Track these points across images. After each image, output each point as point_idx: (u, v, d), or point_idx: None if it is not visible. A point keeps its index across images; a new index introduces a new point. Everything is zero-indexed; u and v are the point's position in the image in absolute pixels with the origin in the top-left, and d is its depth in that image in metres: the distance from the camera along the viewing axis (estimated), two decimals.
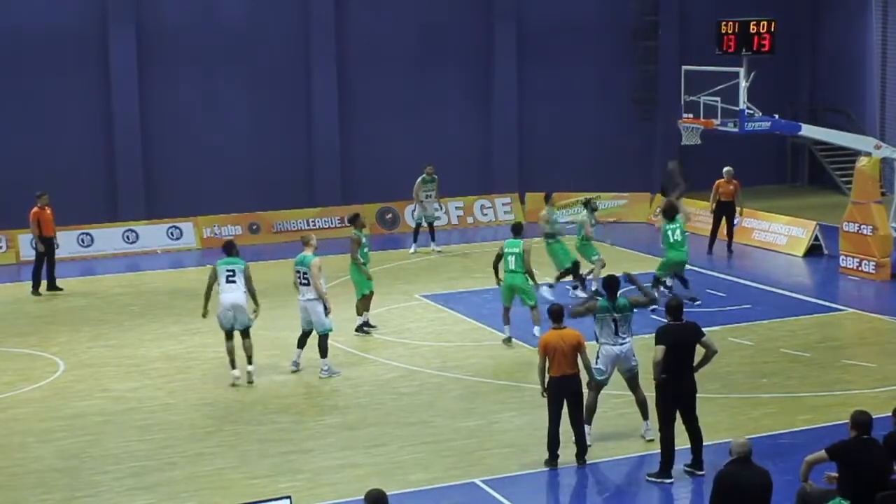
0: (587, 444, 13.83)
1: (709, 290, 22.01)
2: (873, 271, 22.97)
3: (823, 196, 33.04)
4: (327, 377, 17.31)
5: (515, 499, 12.94)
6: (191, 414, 15.97)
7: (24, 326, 20.97)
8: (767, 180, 34.29)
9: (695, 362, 13.28)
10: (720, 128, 23.13)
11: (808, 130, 25.13)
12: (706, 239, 25.57)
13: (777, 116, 23.81)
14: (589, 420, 14.07)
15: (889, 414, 11.38)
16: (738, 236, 26.15)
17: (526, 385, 16.27)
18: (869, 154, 23.64)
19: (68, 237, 26.14)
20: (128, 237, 27.76)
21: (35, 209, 23.35)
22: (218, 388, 16.97)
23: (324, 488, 13.24)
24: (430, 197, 26.47)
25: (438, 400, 16.28)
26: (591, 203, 22.32)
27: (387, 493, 9.31)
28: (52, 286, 23.48)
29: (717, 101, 22.95)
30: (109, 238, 27.60)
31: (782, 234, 26.33)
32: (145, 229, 28.01)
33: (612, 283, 14.43)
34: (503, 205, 31.09)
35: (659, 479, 13.19)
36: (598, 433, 14.35)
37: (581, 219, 22.17)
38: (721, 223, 25.49)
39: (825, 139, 26.64)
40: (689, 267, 21.48)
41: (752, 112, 22.83)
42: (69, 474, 13.90)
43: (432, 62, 31.72)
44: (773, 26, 22.96)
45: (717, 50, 23.81)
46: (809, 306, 21.24)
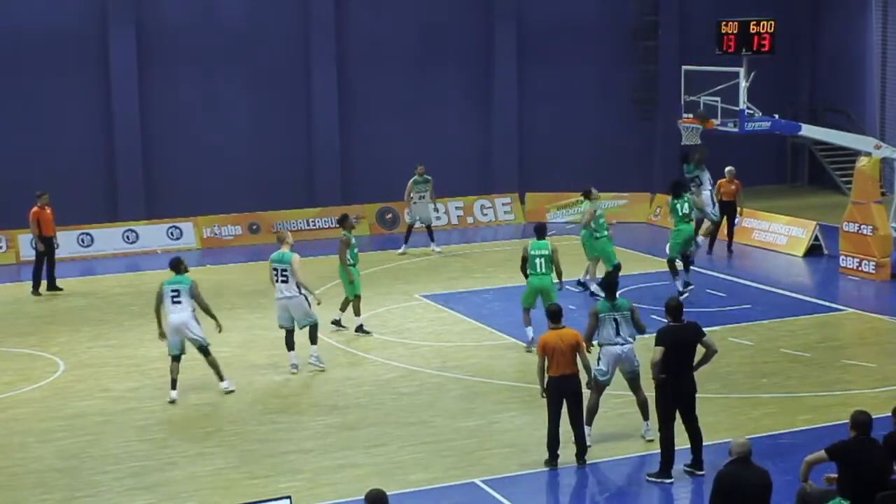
0: (587, 445, 13.83)
1: (709, 290, 22.01)
2: (873, 271, 22.98)
3: (823, 196, 33.04)
4: (317, 365, 17.43)
5: (515, 499, 12.94)
6: (191, 414, 15.97)
7: (24, 326, 20.97)
8: (767, 180, 34.29)
9: (695, 362, 13.28)
10: (720, 128, 23.13)
11: (808, 130, 25.12)
12: (706, 239, 25.55)
13: (777, 116, 23.80)
14: (589, 421, 14.06)
15: (889, 414, 11.37)
16: (738, 236, 26.15)
17: (526, 385, 16.27)
18: (869, 154, 23.64)
19: (68, 237, 26.14)
20: (128, 237, 27.76)
21: (35, 209, 23.35)
22: (218, 388, 16.95)
23: (324, 488, 13.24)
24: (424, 198, 26.26)
25: (438, 400, 16.28)
26: (591, 193, 22.24)
27: (387, 493, 9.31)
28: (52, 286, 23.48)
29: (717, 101, 22.96)
30: (109, 238, 27.60)
31: (782, 234, 26.33)
32: (145, 229, 28.02)
33: (611, 283, 14.43)
34: (503, 205, 31.08)
35: (659, 479, 13.19)
36: (598, 433, 14.34)
37: (586, 210, 22.06)
38: (722, 223, 25.49)
39: (825, 139, 26.64)
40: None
41: (752, 112, 22.82)
42: (69, 474, 13.90)
43: (432, 62, 31.72)
44: (773, 26, 22.94)
45: (717, 50, 23.80)
46: (809, 306, 21.24)
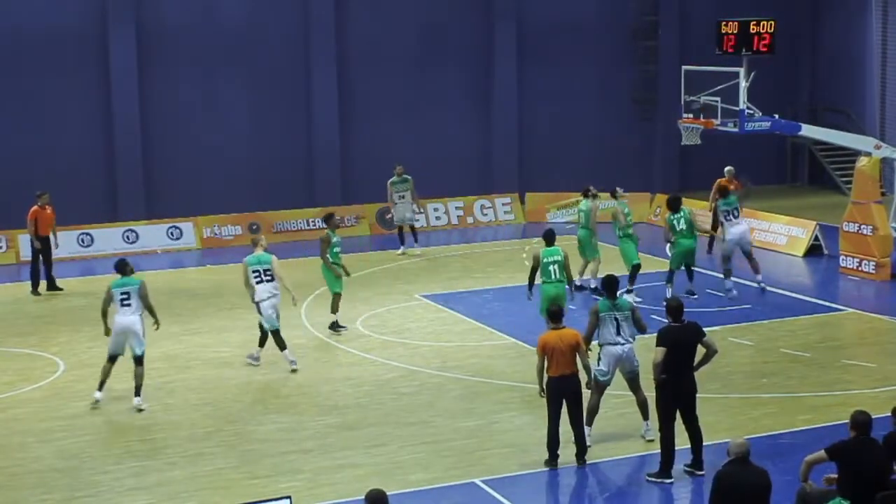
0: (587, 445, 13.83)
1: (709, 290, 21.99)
2: (873, 271, 22.98)
3: (823, 196, 33.05)
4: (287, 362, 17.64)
5: (515, 499, 12.94)
6: (191, 414, 15.97)
7: (24, 326, 20.96)
8: (767, 180, 34.26)
9: (695, 362, 13.28)
10: (720, 128, 23.13)
11: (808, 130, 25.12)
12: (705, 238, 25.54)
13: (777, 116, 23.80)
14: (590, 421, 14.06)
15: (889, 414, 11.37)
16: None
17: (526, 385, 16.26)
18: (869, 154, 23.64)
19: (68, 237, 26.15)
20: (128, 237, 27.76)
21: (35, 208, 23.35)
22: (218, 388, 16.98)
23: (324, 488, 13.24)
24: (404, 198, 26.21)
25: (438, 400, 16.28)
26: (590, 191, 22.28)
27: (387, 493, 9.31)
28: (52, 286, 23.48)
29: (717, 101, 22.95)
30: (109, 238, 27.61)
31: (782, 234, 26.34)
32: (145, 229, 28.02)
33: (612, 282, 14.42)
34: (503, 205, 31.08)
35: (659, 479, 13.18)
36: (598, 433, 14.34)
37: (587, 208, 22.08)
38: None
39: (825, 139, 26.64)
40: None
41: (752, 112, 22.82)
42: (69, 474, 13.90)
43: (432, 62, 31.72)
44: (773, 26, 22.94)
45: (717, 50, 23.80)
46: (809, 306, 21.24)
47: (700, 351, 13.27)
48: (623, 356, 14.07)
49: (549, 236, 18.06)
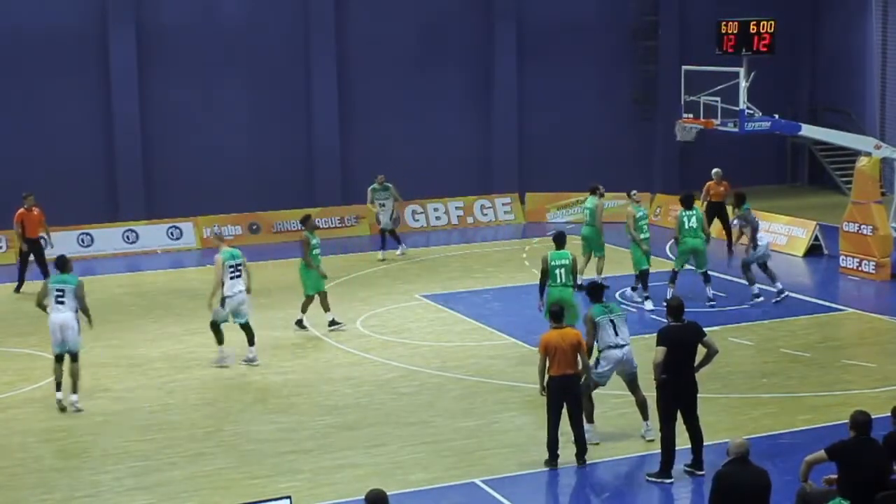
0: (592, 443, 13.83)
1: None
2: (873, 271, 22.97)
3: (823, 196, 33.05)
4: (253, 364, 17.86)
5: (515, 499, 12.94)
6: (191, 414, 15.97)
7: (24, 326, 20.94)
8: (767, 180, 34.29)
9: (696, 362, 13.28)
10: (720, 128, 23.12)
11: (808, 130, 25.12)
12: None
13: (777, 116, 23.80)
14: (590, 418, 14.09)
15: (889, 414, 11.37)
16: (737, 236, 26.06)
17: (526, 385, 16.26)
18: (869, 154, 23.64)
19: (68, 237, 26.15)
20: (128, 237, 27.76)
21: (21, 210, 23.33)
22: (218, 388, 16.98)
23: (324, 488, 13.24)
24: (385, 206, 26.05)
25: (438, 400, 16.28)
26: (598, 189, 22.26)
27: (387, 493, 9.31)
28: None
29: (717, 101, 22.95)
30: (109, 238, 27.60)
31: (782, 234, 26.32)
32: (145, 229, 28.02)
33: (597, 287, 14.52)
34: (503, 205, 31.09)
35: (659, 479, 13.18)
36: (598, 433, 14.33)
37: (593, 205, 22.06)
38: (713, 223, 25.40)
39: (825, 139, 26.63)
40: (688, 266, 21.40)
41: (752, 112, 22.82)
42: (69, 474, 13.90)
43: (432, 62, 31.72)
44: (773, 26, 22.95)
45: (717, 50, 23.81)
46: (809, 306, 21.24)
47: (701, 351, 13.26)
48: (623, 358, 14.07)
49: (560, 239, 17.47)
